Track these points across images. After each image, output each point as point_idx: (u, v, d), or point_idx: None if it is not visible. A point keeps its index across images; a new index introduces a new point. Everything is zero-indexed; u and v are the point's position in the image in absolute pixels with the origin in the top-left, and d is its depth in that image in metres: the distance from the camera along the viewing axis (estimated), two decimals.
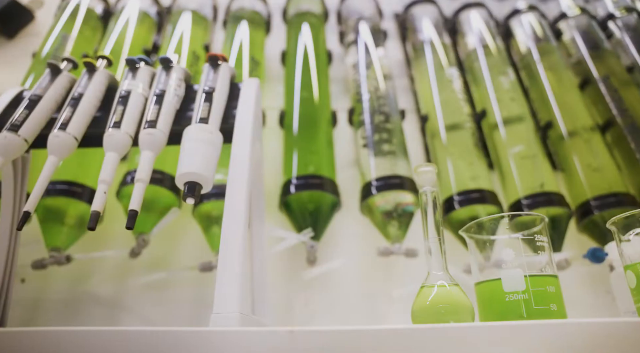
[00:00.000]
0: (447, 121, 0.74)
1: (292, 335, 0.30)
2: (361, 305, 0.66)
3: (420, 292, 0.40)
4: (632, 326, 0.36)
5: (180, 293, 0.64)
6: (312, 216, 0.64)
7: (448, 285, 0.40)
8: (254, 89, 0.52)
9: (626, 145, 0.76)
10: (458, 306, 0.38)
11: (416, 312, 0.39)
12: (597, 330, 0.35)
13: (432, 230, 0.43)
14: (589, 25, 0.93)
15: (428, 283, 0.40)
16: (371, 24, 0.87)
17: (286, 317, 0.64)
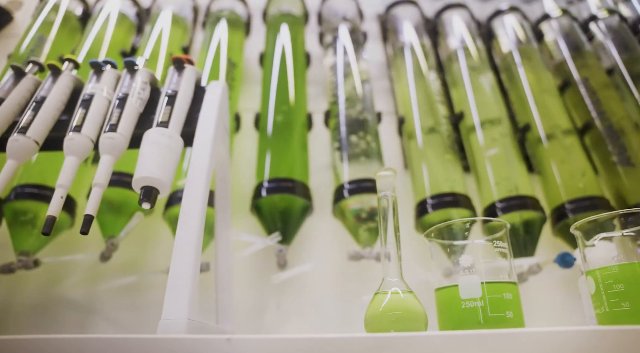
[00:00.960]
0: (423, 123, 0.74)
1: (229, 344, 0.29)
2: (333, 309, 0.65)
3: (374, 299, 0.40)
4: (584, 335, 0.36)
5: (152, 297, 0.64)
6: (282, 220, 0.64)
7: (402, 292, 0.39)
8: (219, 92, 0.52)
9: (604, 148, 0.75)
10: (410, 314, 0.38)
11: (368, 319, 0.39)
12: (546, 339, 0.34)
13: (390, 235, 0.42)
14: (571, 27, 0.92)
15: (382, 290, 0.40)
16: (351, 25, 0.87)
17: (257, 322, 0.64)
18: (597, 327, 0.36)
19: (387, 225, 0.42)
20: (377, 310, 0.38)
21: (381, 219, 0.43)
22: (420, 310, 0.39)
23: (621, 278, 0.42)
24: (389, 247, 0.42)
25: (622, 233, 0.46)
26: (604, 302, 0.43)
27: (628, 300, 0.41)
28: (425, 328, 0.39)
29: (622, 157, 0.73)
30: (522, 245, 0.65)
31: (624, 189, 0.71)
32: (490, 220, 0.48)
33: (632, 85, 0.83)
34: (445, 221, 0.63)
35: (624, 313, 0.41)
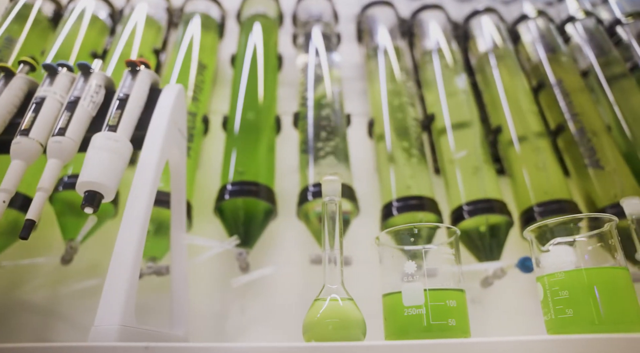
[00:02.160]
0: (393, 125, 0.73)
1: (147, 351, 0.29)
2: (298, 313, 0.64)
3: (313, 306, 0.39)
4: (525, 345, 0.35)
5: None
6: (244, 223, 0.63)
7: (341, 299, 0.39)
8: (173, 95, 0.52)
9: (576, 150, 0.75)
10: (348, 322, 0.38)
11: (306, 326, 0.38)
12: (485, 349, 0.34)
13: (336, 241, 0.42)
14: (547, 29, 0.91)
15: (321, 296, 0.39)
16: (324, 26, 0.86)
17: (220, 327, 0.63)
18: (534, 337, 0.36)
19: (333, 230, 0.42)
20: (315, 317, 0.38)
21: (326, 224, 0.42)
22: (359, 318, 0.38)
23: (566, 284, 0.41)
24: (334, 253, 0.41)
25: (574, 239, 0.46)
26: (550, 309, 0.42)
27: (572, 307, 0.40)
28: (363, 337, 0.38)
29: (592, 160, 0.72)
30: (487, 249, 0.64)
31: (593, 192, 0.71)
32: (439, 226, 0.47)
33: (607, 87, 0.83)
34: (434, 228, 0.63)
35: (568, 320, 0.40)
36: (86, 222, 0.58)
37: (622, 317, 0.40)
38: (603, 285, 0.40)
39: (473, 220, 0.65)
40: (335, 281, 0.40)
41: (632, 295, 0.41)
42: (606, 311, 0.39)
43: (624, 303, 0.40)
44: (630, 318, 0.40)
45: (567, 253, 0.46)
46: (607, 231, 0.45)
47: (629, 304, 0.40)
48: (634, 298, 0.41)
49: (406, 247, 0.43)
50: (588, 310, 0.40)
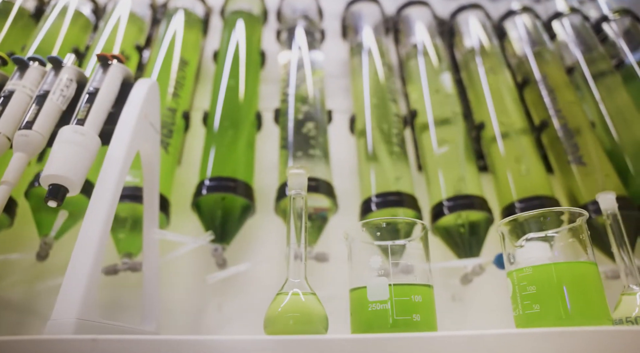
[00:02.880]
0: (374, 121, 0.73)
1: (94, 343, 0.29)
2: None
3: (275, 300, 0.39)
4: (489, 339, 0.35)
5: None
6: (221, 219, 0.63)
7: (303, 294, 0.38)
8: (144, 89, 0.51)
9: (559, 147, 0.74)
10: (309, 316, 0.37)
11: (267, 320, 0.38)
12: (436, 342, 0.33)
13: (303, 235, 0.41)
14: (534, 25, 0.91)
15: (284, 290, 0.39)
16: (308, 22, 0.86)
17: (197, 323, 0.63)
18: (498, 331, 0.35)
19: (299, 224, 0.41)
20: (276, 311, 0.37)
21: (292, 219, 0.42)
22: (320, 313, 0.38)
23: (534, 280, 0.41)
24: (300, 247, 0.41)
25: (546, 234, 0.46)
26: (518, 304, 0.42)
27: (539, 302, 0.40)
28: (325, 331, 0.38)
29: (575, 156, 0.72)
30: (467, 245, 0.64)
31: (575, 189, 0.70)
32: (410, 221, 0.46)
33: (592, 84, 0.82)
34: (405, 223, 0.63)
35: (535, 315, 0.40)
36: (57, 217, 0.58)
37: (590, 312, 0.39)
38: (570, 280, 0.40)
39: (453, 217, 0.65)
40: (298, 275, 0.39)
41: (600, 291, 0.41)
42: (573, 306, 0.39)
43: (592, 298, 0.40)
44: (597, 313, 0.39)
45: (543, 249, 0.46)
46: (578, 226, 0.44)
47: (597, 299, 0.40)
48: (601, 293, 0.41)
49: (373, 241, 0.43)
50: (555, 305, 0.39)
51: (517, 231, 0.46)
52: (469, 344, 0.33)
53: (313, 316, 0.37)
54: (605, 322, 0.39)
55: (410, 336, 0.34)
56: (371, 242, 0.43)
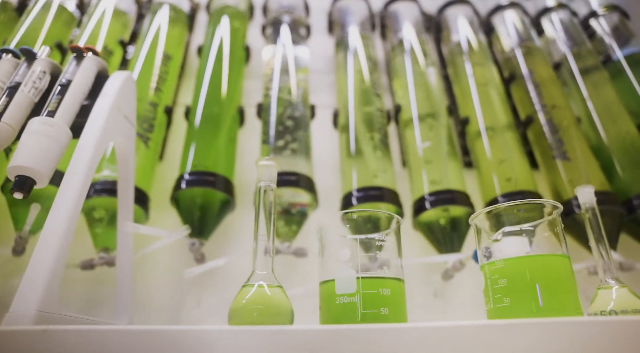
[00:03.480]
0: (357, 116, 0.72)
1: (45, 334, 0.28)
2: None
3: (240, 292, 0.38)
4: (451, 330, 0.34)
5: (68, 291, 0.62)
6: (200, 213, 0.62)
7: (268, 286, 0.38)
8: (119, 82, 0.51)
9: (544, 142, 0.74)
10: (274, 309, 0.37)
11: (232, 312, 0.37)
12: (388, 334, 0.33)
13: (271, 227, 0.41)
14: (521, 21, 0.90)
15: (249, 282, 0.38)
16: (293, 18, 0.85)
17: (176, 318, 0.62)
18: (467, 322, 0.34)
19: (268, 217, 0.41)
20: (240, 303, 0.37)
21: (263, 211, 0.41)
22: (286, 306, 0.37)
23: (505, 273, 0.40)
24: (265, 239, 0.40)
25: (520, 227, 0.45)
26: (490, 298, 0.41)
27: (509, 296, 0.39)
28: (290, 325, 0.37)
29: (560, 152, 0.71)
30: (448, 240, 0.63)
31: (559, 184, 0.70)
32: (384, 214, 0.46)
33: (580, 79, 0.82)
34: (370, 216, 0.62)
35: (505, 309, 0.39)
36: (30, 211, 0.57)
37: (560, 306, 0.38)
38: (541, 274, 0.39)
39: (434, 212, 0.64)
40: (265, 268, 0.39)
41: (572, 284, 0.40)
42: (544, 300, 0.38)
43: (563, 292, 0.39)
44: (568, 307, 0.39)
45: (521, 243, 0.45)
46: (552, 219, 0.44)
47: (568, 293, 0.39)
48: (573, 287, 0.40)
49: (343, 234, 0.42)
50: (525, 299, 0.39)
51: (495, 225, 0.46)
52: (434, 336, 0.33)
53: (278, 309, 0.37)
54: (576, 316, 0.39)
55: (375, 327, 0.34)
56: (341, 235, 0.43)
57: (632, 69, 0.83)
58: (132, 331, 0.28)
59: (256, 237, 0.40)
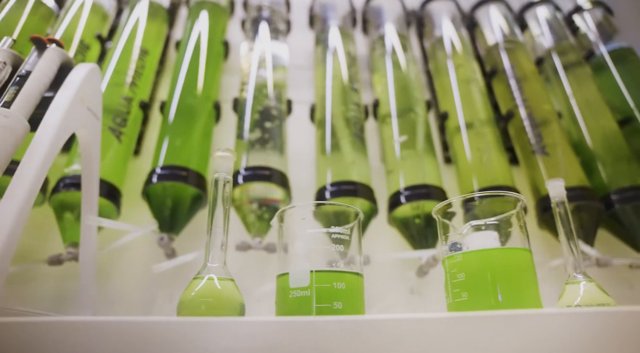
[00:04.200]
0: (333, 111, 0.71)
1: None
2: None
3: (190, 284, 0.37)
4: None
5: (36, 288, 0.62)
6: (171, 208, 0.61)
7: (218, 279, 0.37)
8: (82, 74, 0.50)
9: (524, 137, 0.73)
10: (222, 302, 0.36)
11: (180, 304, 0.36)
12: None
13: (224, 219, 0.40)
14: (505, 15, 0.89)
15: (200, 275, 0.38)
16: (273, 12, 0.84)
17: (148, 314, 0.62)
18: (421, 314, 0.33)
19: (220, 208, 0.40)
20: (189, 295, 0.36)
21: (220, 203, 0.40)
22: (235, 300, 0.36)
23: (463, 267, 0.40)
24: (219, 231, 0.39)
25: (485, 222, 0.44)
26: (449, 293, 0.40)
27: (467, 290, 0.38)
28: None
29: (539, 146, 0.70)
30: (422, 236, 0.62)
31: (538, 179, 0.69)
32: (342, 206, 0.45)
33: (563, 74, 0.81)
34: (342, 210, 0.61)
35: (463, 304, 0.38)
36: None
37: (519, 300, 0.38)
38: (501, 268, 0.38)
39: (409, 207, 0.63)
40: (217, 260, 0.38)
41: (532, 279, 0.39)
42: (503, 294, 0.37)
43: (522, 286, 0.38)
44: (528, 301, 0.38)
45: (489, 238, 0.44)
46: (516, 213, 0.43)
47: (528, 288, 0.38)
48: (533, 281, 0.39)
49: (299, 227, 0.42)
50: (483, 294, 0.38)
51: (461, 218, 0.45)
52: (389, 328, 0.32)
53: (227, 302, 0.36)
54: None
55: (325, 319, 0.33)
56: (299, 228, 0.42)
57: (615, 64, 0.82)
58: (67, 322, 0.28)
59: (210, 229, 0.39)
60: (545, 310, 0.37)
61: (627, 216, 0.65)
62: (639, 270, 0.67)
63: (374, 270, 0.66)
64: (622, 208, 0.65)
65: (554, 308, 0.36)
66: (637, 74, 0.80)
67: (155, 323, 0.31)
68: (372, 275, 0.66)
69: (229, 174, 0.41)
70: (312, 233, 0.41)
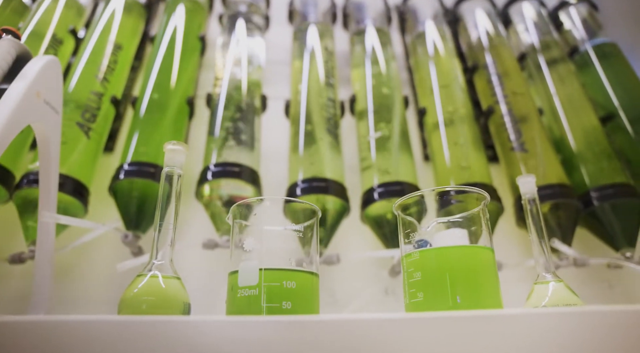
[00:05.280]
0: (307, 106, 0.70)
1: None
2: (201, 298, 0.61)
3: (133, 281, 0.36)
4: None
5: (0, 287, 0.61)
6: (138, 205, 0.60)
7: (163, 277, 0.35)
8: (38, 66, 0.48)
9: (504, 133, 0.71)
10: (164, 301, 0.34)
11: (121, 303, 0.35)
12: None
13: (172, 214, 0.38)
14: (489, 11, 0.88)
15: (144, 272, 0.36)
16: (251, 8, 0.83)
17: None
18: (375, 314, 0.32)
19: (170, 203, 0.39)
20: (131, 293, 0.35)
21: (172, 199, 0.39)
22: (179, 298, 0.35)
23: (420, 265, 0.38)
24: (168, 227, 0.38)
25: (448, 219, 0.43)
26: (406, 293, 0.39)
27: (423, 290, 0.37)
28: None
29: (518, 143, 0.69)
30: (395, 235, 0.61)
31: (517, 176, 0.66)
32: (294, 201, 0.43)
33: (546, 70, 0.79)
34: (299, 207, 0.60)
35: (419, 304, 0.37)
36: None
37: (478, 301, 0.36)
38: (458, 267, 0.37)
39: (381, 204, 0.62)
40: (163, 257, 0.37)
41: (493, 278, 0.38)
42: (460, 294, 0.36)
43: (481, 286, 0.37)
44: (487, 302, 0.36)
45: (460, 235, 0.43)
46: (480, 210, 0.41)
47: (487, 287, 0.37)
48: (494, 281, 0.37)
49: (251, 223, 0.40)
50: (440, 293, 0.36)
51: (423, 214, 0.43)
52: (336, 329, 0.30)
53: (170, 301, 0.35)
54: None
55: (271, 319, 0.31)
56: (249, 224, 0.40)
57: (599, 60, 0.80)
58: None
59: (159, 225, 0.38)
60: (501, 311, 0.35)
61: (606, 214, 0.64)
62: (617, 270, 0.66)
63: (347, 269, 0.65)
64: (601, 207, 0.64)
65: (511, 309, 0.34)
66: (620, 71, 0.78)
67: (88, 323, 0.30)
68: (345, 274, 0.65)
69: (180, 168, 0.40)
70: (267, 231, 0.40)
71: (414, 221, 0.44)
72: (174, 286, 0.36)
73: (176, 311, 0.34)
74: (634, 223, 0.63)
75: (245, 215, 0.41)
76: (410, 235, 0.42)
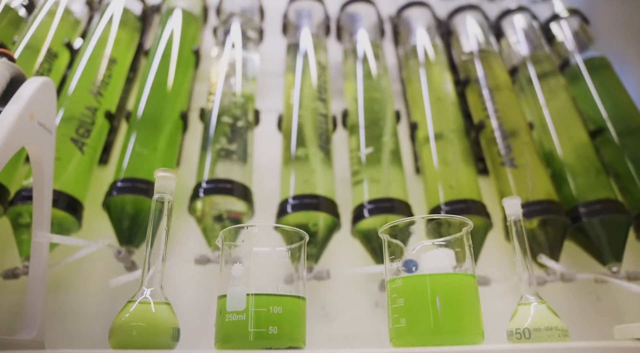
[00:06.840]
0: (300, 121, 0.70)
1: None
2: (192, 317, 0.62)
3: (124, 308, 0.37)
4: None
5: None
6: (131, 221, 0.61)
7: (154, 302, 0.36)
8: (32, 88, 0.49)
9: (494, 147, 0.72)
10: (155, 327, 0.35)
11: (111, 330, 0.36)
12: None
13: (162, 240, 0.39)
14: (481, 24, 0.89)
15: (134, 298, 0.37)
16: (246, 20, 0.83)
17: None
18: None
19: (159, 228, 0.39)
20: (121, 320, 0.35)
21: (162, 225, 0.40)
22: (169, 324, 0.36)
23: (403, 292, 0.39)
24: (159, 253, 0.39)
25: (432, 242, 0.43)
26: (390, 317, 0.40)
27: (405, 316, 0.38)
28: (173, 343, 0.36)
29: (508, 158, 0.69)
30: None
31: (507, 191, 0.68)
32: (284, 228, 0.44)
33: (537, 84, 0.80)
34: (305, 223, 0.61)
35: (401, 330, 0.38)
36: None
37: (459, 327, 0.37)
38: (440, 293, 0.37)
39: (372, 220, 0.63)
40: (154, 283, 0.37)
41: (474, 304, 0.38)
42: (442, 321, 0.37)
43: (462, 313, 0.37)
44: (468, 329, 0.37)
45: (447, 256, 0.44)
46: (462, 236, 0.42)
47: (469, 314, 0.38)
48: (475, 307, 0.38)
49: (237, 246, 0.41)
50: (422, 320, 0.37)
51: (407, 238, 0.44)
52: None
53: (159, 328, 0.35)
54: (476, 337, 0.37)
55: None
56: (240, 249, 0.41)
57: (590, 73, 0.81)
58: None
59: (149, 251, 0.38)
60: (483, 346, 0.36)
61: (594, 230, 0.65)
62: (605, 283, 0.67)
63: (338, 282, 0.66)
64: (589, 222, 0.65)
65: (491, 345, 0.35)
66: (610, 84, 0.79)
67: None
68: (336, 287, 0.66)
69: (171, 194, 0.41)
70: (256, 252, 0.41)
71: (400, 243, 0.44)
72: (164, 312, 0.36)
73: (166, 337, 0.35)
74: (620, 239, 0.64)
75: (234, 238, 0.42)
76: (395, 256, 0.43)
